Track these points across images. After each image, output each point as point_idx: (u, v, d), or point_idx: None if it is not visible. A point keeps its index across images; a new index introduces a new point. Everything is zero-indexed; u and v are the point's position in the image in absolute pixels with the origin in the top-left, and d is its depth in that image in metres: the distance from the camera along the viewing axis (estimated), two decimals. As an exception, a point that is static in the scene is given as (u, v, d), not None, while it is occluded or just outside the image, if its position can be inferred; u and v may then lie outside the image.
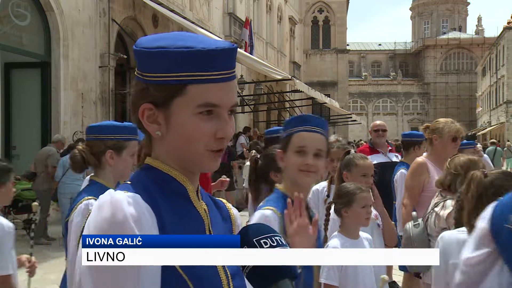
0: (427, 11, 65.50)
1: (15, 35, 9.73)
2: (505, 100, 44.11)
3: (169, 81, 1.00)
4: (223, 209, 1.21)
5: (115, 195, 0.96)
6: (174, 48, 0.98)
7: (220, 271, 1.05)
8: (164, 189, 1.05)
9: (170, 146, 1.05)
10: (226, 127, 1.03)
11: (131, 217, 0.93)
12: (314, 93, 17.62)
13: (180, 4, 15.55)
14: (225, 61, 1.01)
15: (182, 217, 1.04)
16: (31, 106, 10.34)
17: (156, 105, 1.02)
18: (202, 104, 1.00)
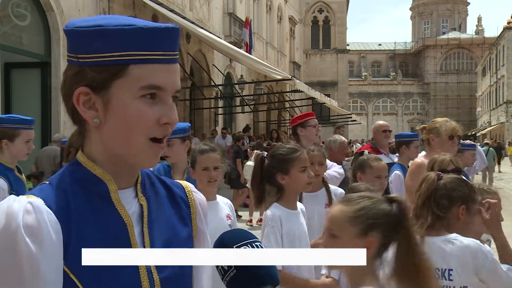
0: (427, 11, 65.50)
1: (15, 35, 9.72)
2: (505, 100, 44.12)
3: (108, 61, 0.91)
4: (178, 195, 1.10)
5: (12, 203, 0.89)
6: (113, 26, 0.91)
7: (143, 280, 0.96)
8: (85, 189, 0.97)
9: (106, 136, 0.96)
10: (171, 112, 0.95)
11: (26, 228, 0.87)
12: (314, 93, 17.61)
13: (180, 4, 15.55)
14: (169, 42, 0.94)
15: (100, 220, 0.95)
16: (31, 106, 10.33)
17: (93, 88, 0.93)
18: (146, 86, 0.92)
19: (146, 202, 1.03)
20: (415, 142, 4.92)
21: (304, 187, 2.66)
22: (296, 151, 2.63)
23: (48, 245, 0.89)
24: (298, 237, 2.56)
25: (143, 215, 1.02)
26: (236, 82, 19.10)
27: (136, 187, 1.03)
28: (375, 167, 3.20)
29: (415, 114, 60.17)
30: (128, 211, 1.00)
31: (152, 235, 1.01)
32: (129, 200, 1.01)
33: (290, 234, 2.53)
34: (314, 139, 4.25)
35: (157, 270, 0.99)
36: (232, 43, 17.53)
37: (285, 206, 2.59)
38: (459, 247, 2.04)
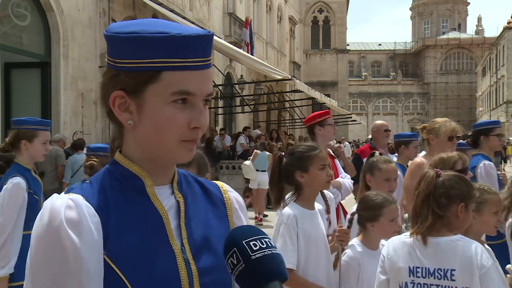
0: (427, 11, 65.50)
1: (15, 35, 9.72)
2: (505, 100, 44.12)
3: (142, 67, 0.96)
4: (214, 194, 1.15)
5: (55, 200, 0.96)
6: (148, 33, 0.94)
7: (180, 270, 1.01)
8: (123, 186, 1.02)
9: (141, 137, 1.01)
10: (201, 116, 0.99)
11: (68, 222, 0.93)
12: (314, 93, 17.62)
13: (180, 4, 15.56)
14: (201, 48, 0.97)
15: (137, 213, 1.01)
16: (31, 106, 10.32)
17: (128, 92, 0.98)
18: (177, 92, 0.96)
19: (182, 199, 1.08)
20: (414, 142, 4.91)
21: (323, 185, 2.64)
22: (315, 149, 2.62)
23: (89, 236, 0.94)
24: (314, 237, 2.54)
25: (179, 210, 1.06)
26: (236, 82, 19.10)
27: (173, 184, 1.08)
28: (383, 169, 3.13)
29: (415, 114, 60.16)
30: (164, 206, 1.04)
31: (190, 229, 1.05)
32: (165, 196, 1.06)
33: (306, 234, 2.51)
34: (331, 138, 4.28)
35: (195, 261, 1.03)
36: (232, 43, 17.53)
37: (302, 206, 2.57)
38: (463, 248, 2.04)
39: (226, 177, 14.27)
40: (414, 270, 2.10)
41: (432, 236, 2.09)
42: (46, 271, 0.92)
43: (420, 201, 2.13)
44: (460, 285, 2.03)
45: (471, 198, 2.13)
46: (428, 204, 2.10)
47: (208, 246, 1.06)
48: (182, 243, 1.03)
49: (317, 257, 2.54)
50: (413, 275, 2.10)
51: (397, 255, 2.15)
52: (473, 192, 2.15)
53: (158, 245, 1.00)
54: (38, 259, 0.93)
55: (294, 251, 2.47)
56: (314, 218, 2.59)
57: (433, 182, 2.12)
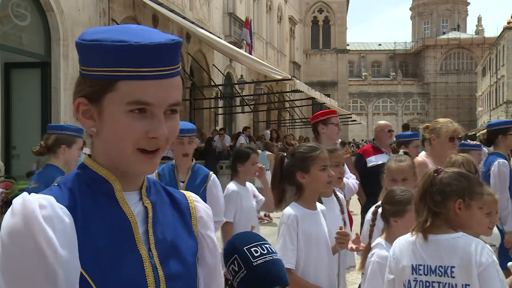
0: (427, 11, 65.50)
1: (15, 35, 9.72)
2: (505, 100, 44.11)
3: (100, 75, 0.96)
4: (181, 203, 1.15)
5: (27, 197, 0.95)
6: (107, 42, 0.94)
7: (148, 275, 0.99)
8: (92, 190, 1.02)
9: (104, 144, 1.02)
10: (159, 127, 0.97)
11: (42, 217, 0.91)
12: (314, 93, 17.63)
13: (180, 4, 15.55)
14: (161, 57, 0.95)
15: (105, 218, 1.00)
16: (31, 106, 10.33)
17: (90, 100, 0.99)
18: (132, 102, 0.95)
19: (151, 205, 1.07)
20: (414, 142, 4.92)
21: (324, 186, 2.62)
22: (316, 149, 2.60)
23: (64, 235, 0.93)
24: (315, 237, 2.53)
25: (147, 216, 1.05)
26: (236, 82, 19.11)
27: (141, 190, 1.07)
28: (390, 168, 3.07)
29: (415, 114, 60.15)
30: (133, 211, 1.04)
31: (157, 235, 1.05)
32: (134, 202, 1.05)
33: (306, 234, 2.50)
34: (335, 138, 4.27)
35: (162, 266, 1.02)
36: (232, 43, 17.53)
37: (304, 206, 2.56)
38: (463, 245, 2.04)
39: (226, 177, 14.25)
40: (417, 268, 2.10)
41: (433, 234, 2.08)
42: (20, 270, 0.90)
43: (418, 198, 2.14)
44: (460, 282, 2.02)
45: (472, 194, 2.10)
46: (425, 201, 2.10)
47: (175, 253, 1.05)
48: (150, 249, 1.02)
49: (318, 257, 2.53)
50: (415, 273, 2.10)
51: (401, 254, 2.15)
52: (476, 188, 2.12)
53: (125, 249, 0.99)
54: (12, 257, 0.90)
55: (294, 251, 2.47)
56: (315, 218, 2.58)
57: (429, 179, 2.12)
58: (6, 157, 9.79)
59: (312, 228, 2.53)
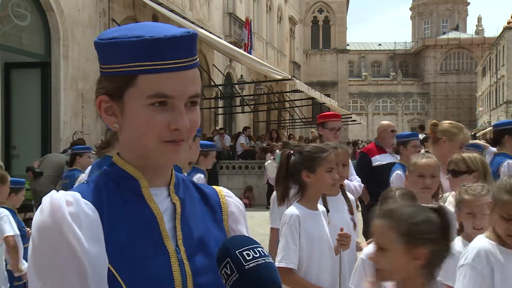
0: (427, 11, 65.49)
1: (15, 35, 9.72)
2: (505, 100, 44.11)
3: (119, 72, 0.98)
4: (211, 198, 1.16)
5: (54, 195, 0.97)
6: (124, 38, 0.97)
7: (174, 270, 1.01)
8: (119, 186, 1.04)
9: (127, 139, 1.04)
10: (180, 118, 0.98)
11: (69, 214, 0.94)
12: (314, 93, 17.62)
13: (180, 4, 15.55)
14: (177, 49, 0.97)
15: (132, 214, 1.02)
16: (31, 106, 10.33)
17: (112, 97, 1.01)
18: (153, 95, 0.97)
19: (179, 201, 1.08)
20: (412, 141, 4.93)
21: (327, 188, 2.62)
22: (325, 151, 2.60)
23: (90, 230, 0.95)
24: (317, 237, 2.53)
25: (176, 212, 1.07)
26: (236, 82, 19.11)
27: (169, 187, 1.09)
28: (416, 164, 2.99)
29: (415, 114, 60.14)
30: (160, 208, 1.05)
31: (185, 231, 1.06)
32: (162, 198, 1.07)
33: (308, 234, 2.50)
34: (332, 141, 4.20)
35: (189, 261, 1.03)
36: (232, 43, 17.53)
37: (306, 206, 2.56)
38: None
39: (226, 177, 14.28)
40: None
41: None
42: (50, 263, 0.92)
43: None
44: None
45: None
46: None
47: (203, 248, 1.07)
48: (177, 244, 1.04)
49: (320, 257, 2.52)
50: None
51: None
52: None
53: (152, 245, 1.01)
54: (42, 252, 0.93)
55: (296, 251, 2.46)
56: (317, 218, 2.58)
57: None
58: (6, 157, 9.78)
59: (314, 229, 2.53)
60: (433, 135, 3.92)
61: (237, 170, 14.16)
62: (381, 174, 4.91)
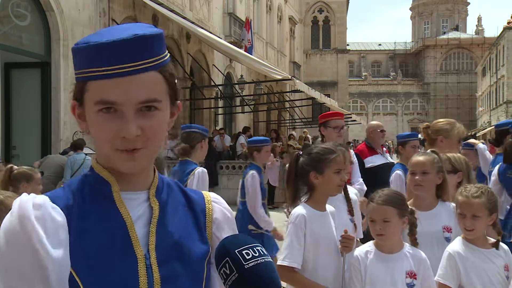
0: (427, 11, 65.49)
1: (15, 35, 9.72)
2: (505, 100, 44.10)
3: (77, 78, 0.99)
4: (197, 204, 1.14)
5: (23, 198, 0.97)
6: (81, 44, 0.98)
7: (141, 276, 0.98)
8: (94, 191, 1.03)
9: (94, 144, 1.04)
10: (127, 126, 0.95)
11: (35, 218, 0.94)
12: (314, 93, 17.60)
13: (180, 4, 15.55)
14: (119, 54, 0.94)
15: (102, 219, 1.00)
16: (31, 106, 10.32)
17: (78, 102, 1.02)
18: (99, 101, 0.96)
19: (157, 206, 1.06)
20: (410, 142, 4.94)
21: (335, 189, 2.61)
22: (333, 152, 2.60)
23: (54, 234, 0.95)
24: (323, 238, 2.52)
25: (152, 217, 1.04)
26: (236, 82, 19.10)
27: (149, 190, 1.07)
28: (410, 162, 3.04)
29: (415, 114, 60.15)
30: (135, 213, 1.03)
31: (160, 236, 1.03)
32: (138, 202, 1.05)
33: (314, 235, 2.49)
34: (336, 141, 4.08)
35: (160, 268, 1.01)
36: (232, 43, 17.52)
37: (313, 207, 2.56)
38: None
39: (226, 177, 14.26)
40: None
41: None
42: (13, 265, 0.92)
43: None
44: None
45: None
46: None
47: (178, 254, 1.03)
48: (149, 249, 1.01)
49: (326, 258, 2.52)
50: None
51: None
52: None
53: (119, 251, 0.98)
54: (6, 254, 0.93)
55: (300, 251, 2.46)
56: (324, 219, 2.57)
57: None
58: (6, 157, 9.77)
59: (320, 230, 2.52)
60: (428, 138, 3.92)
61: (237, 170, 14.11)
62: (374, 175, 4.91)
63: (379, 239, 2.46)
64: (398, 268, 2.40)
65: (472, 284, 2.42)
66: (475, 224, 2.45)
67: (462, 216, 2.49)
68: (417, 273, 2.40)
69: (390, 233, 2.42)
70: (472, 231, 2.46)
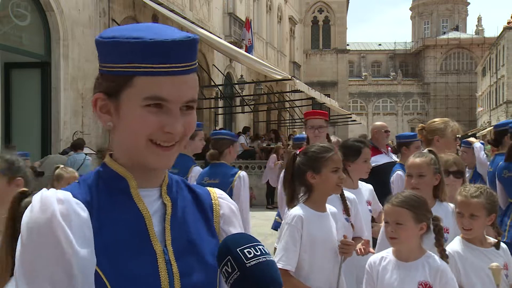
0: (427, 11, 65.47)
1: (15, 35, 9.72)
2: (505, 100, 44.11)
3: (117, 71, 0.98)
4: (204, 200, 1.16)
5: (45, 193, 0.97)
6: (124, 38, 0.97)
7: (161, 270, 1.00)
8: (109, 187, 1.04)
9: (120, 139, 1.04)
10: (175, 122, 0.99)
11: (59, 214, 0.93)
12: (314, 93, 17.61)
13: (180, 4, 15.55)
14: (177, 53, 0.97)
15: (120, 214, 1.01)
16: (31, 106, 10.33)
17: (108, 95, 1.01)
18: (149, 97, 0.97)
19: (170, 203, 1.08)
20: (415, 142, 4.93)
21: (333, 189, 2.56)
22: (330, 150, 2.55)
23: (79, 230, 0.95)
24: (321, 240, 2.45)
25: (166, 213, 1.06)
26: (236, 82, 19.10)
27: (161, 187, 1.09)
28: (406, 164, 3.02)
29: (415, 114, 60.12)
30: (150, 209, 1.05)
31: (175, 232, 1.06)
32: (152, 199, 1.07)
33: (311, 237, 2.43)
34: (314, 141, 3.98)
35: (177, 262, 1.03)
36: (232, 43, 17.52)
37: (312, 208, 2.50)
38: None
39: (226, 177, 14.25)
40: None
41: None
42: (39, 261, 0.91)
43: None
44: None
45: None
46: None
47: (192, 249, 1.06)
48: (165, 245, 1.03)
49: (323, 260, 2.45)
50: None
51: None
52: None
53: (139, 245, 1.00)
54: (31, 250, 0.92)
55: (295, 253, 2.40)
56: (323, 220, 2.50)
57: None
58: (6, 157, 9.77)
59: (318, 231, 2.46)
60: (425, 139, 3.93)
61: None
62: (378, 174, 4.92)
63: (391, 242, 2.35)
64: (411, 277, 2.27)
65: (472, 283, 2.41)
66: (472, 224, 2.45)
67: (461, 215, 2.49)
68: (432, 284, 2.24)
69: (403, 237, 2.29)
70: (470, 230, 2.46)
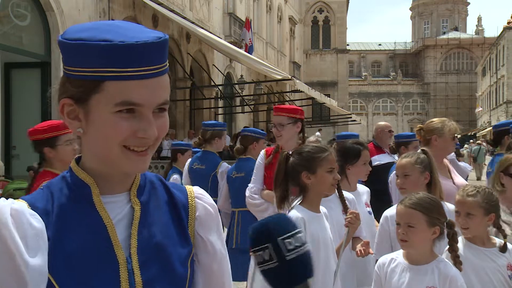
0: (427, 11, 65.47)
1: (15, 35, 9.72)
2: (505, 100, 44.13)
3: (85, 76, 0.92)
4: (179, 200, 1.09)
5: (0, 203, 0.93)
6: (92, 41, 0.90)
7: (122, 281, 0.96)
8: (73, 193, 1.00)
9: (90, 144, 0.98)
10: (148, 127, 0.94)
11: (13, 225, 0.90)
12: (314, 93, 17.61)
13: (180, 4, 15.55)
14: (147, 56, 0.91)
15: (81, 223, 0.97)
16: (31, 106, 10.32)
17: (76, 100, 0.95)
18: (120, 103, 0.92)
19: (139, 206, 1.03)
20: (413, 142, 4.95)
21: (328, 189, 2.52)
22: (325, 150, 2.52)
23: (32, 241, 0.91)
24: (323, 241, 2.43)
25: (134, 218, 1.02)
26: (236, 82, 19.11)
27: (131, 191, 1.04)
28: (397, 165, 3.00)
29: (415, 114, 60.12)
30: (118, 215, 1.01)
31: (142, 238, 1.01)
32: (120, 205, 1.02)
33: (314, 238, 2.39)
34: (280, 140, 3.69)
35: (142, 271, 0.99)
36: (232, 43, 17.53)
37: (308, 209, 2.46)
38: None
39: (226, 177, 14.25)
40: None
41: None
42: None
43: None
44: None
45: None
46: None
47: (160, 256, 1.01)
48: (130, 253, 0.99)
49: (326, 261, 2.43)
50: None
51: None
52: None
53: (100, 255, 0.96)
54: None
55: None
56: (320, 221, 2.48)
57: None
58: (6, 157, 9.79)
59: (319, 231, 2.44)
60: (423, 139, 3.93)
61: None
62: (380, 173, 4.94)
63: (402, 245, 2.28)
64: (418, 281, 2.21)
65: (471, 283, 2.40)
66: (469, 223, 2.44)
67: (458, 214, 2.49)
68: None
69: (414, 240, 2.22)
70: (466, 229, 2.46)
